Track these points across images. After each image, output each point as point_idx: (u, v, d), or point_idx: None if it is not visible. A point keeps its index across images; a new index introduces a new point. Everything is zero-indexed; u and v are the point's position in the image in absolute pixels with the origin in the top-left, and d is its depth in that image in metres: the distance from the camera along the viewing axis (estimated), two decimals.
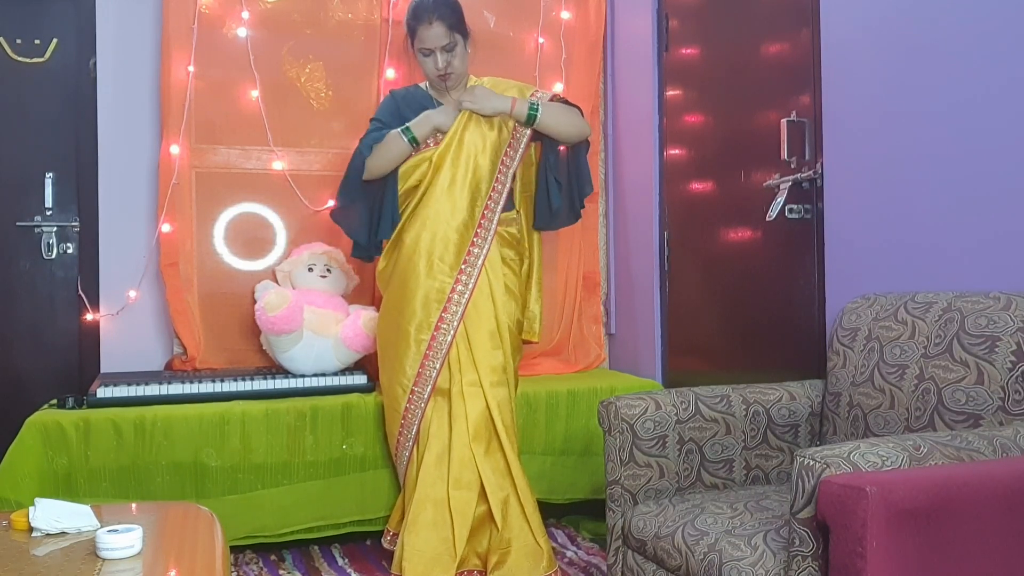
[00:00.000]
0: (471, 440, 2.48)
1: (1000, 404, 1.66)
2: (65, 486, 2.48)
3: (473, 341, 2.54)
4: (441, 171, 2.57)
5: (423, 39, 2.55)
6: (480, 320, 2.55)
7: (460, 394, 2.51)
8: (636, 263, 3.31)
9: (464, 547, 2.44)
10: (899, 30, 2.10)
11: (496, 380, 2.53)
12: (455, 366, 2.53)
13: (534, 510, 2.51)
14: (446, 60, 2.57)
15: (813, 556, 1.42)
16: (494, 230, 2.60)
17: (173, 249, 3.01)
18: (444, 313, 2.53)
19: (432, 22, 2.52)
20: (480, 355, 2.53)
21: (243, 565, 2.68)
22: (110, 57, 3.09)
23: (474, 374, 2.52)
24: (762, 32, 2.66)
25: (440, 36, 2.54)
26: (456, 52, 2.58)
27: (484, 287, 2.57)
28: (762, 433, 2.13)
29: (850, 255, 2.25)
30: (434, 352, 2.53)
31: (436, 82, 2.64)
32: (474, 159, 2.59)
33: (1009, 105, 1.82)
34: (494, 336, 2.56)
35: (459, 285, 2.55)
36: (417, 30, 2.55)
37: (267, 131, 3.12)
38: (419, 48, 2.58)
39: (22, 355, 3.13)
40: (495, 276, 2.59)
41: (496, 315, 2.56)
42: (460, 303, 2.54)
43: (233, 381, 2.73)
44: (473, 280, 2.55)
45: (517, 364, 2.67)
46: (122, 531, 1.50)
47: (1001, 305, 1.73)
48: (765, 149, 2.56)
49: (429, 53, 2.57)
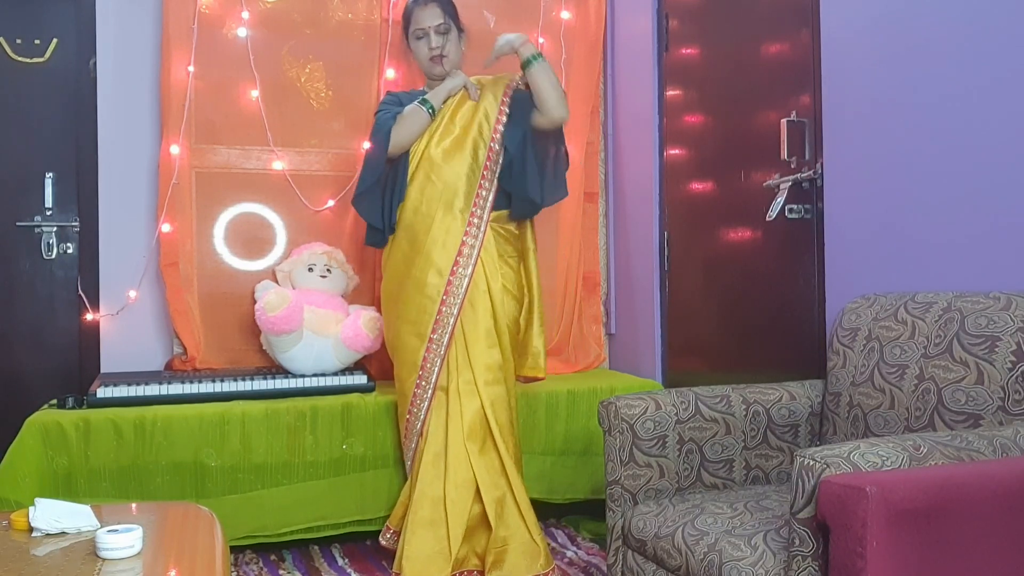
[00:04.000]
0: (466, 439, 2.49)
1: (1000, 404, 1.66)
2: (65, 486, 2.48)
3: (469, 339, 2.54)
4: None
5: (418, 20, 2.66)
6: (477, 318, 2.55)
7: (457, 392, 2.52)
8: (636, 263, 3.31)
9: (461, 546, 2.44)
10: (898, 30, 2.10)
11: (491, 379, 2.53)
12: (452, 364, 2.54)
13: (529, 508, 2.51)
14: (438, 41, 2.65)
15: (813, 556, 1.42)
16: (486, 222, 2.58)
17: (173, 249, 3.01)
18: (441, 306, 2.54)
19: (429, 3, 2.66)
20: (476, 353, 2.53)
21: (243, 565, 2.68)
22: (110, 57, 3.09)
23: (469, 373, 2.53)
24: (762, 32, 2.66)
25: (435, 15, 2.66)
26: (450, 37, 2.67)
27: (481, 283, 2.57)
28: (762, 433, 2.13)
29: (850, 255, 2.25)
30: (432, 353, 2.54)
31: (428, 67, 2.69)
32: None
33: (1009, 105, 1.82)
34: (490, 334, 2.56)
35: (454, 278, 2.55)
36: (413, 13, 2.68)
37: (267, 131, 3.12)
38: (414, 31, 2.67)
39: (22, 355, 3.13)
40: (492, 274, 2.59)
41: (494, 313, 2.56)
42: (455, 302, 2.54)
43: (233, 381, 2.73)
44: (467, 277, 2.55)
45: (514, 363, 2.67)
46: (122, 531, 1.50)
47: (1001, 305, 1.73)
48: (765, 149, 2.56)
49: (423, 35, 2.65)
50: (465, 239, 2.56)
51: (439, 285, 2.54)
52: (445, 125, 2.64)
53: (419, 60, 2.72)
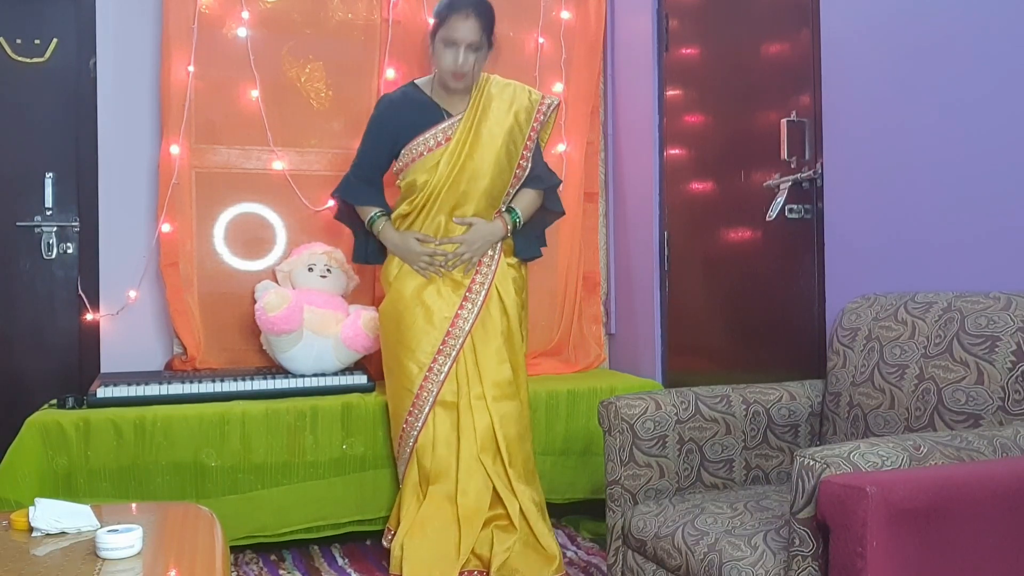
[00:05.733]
0: (479, 452, 2.50)
1: (1000, 404, 1.66)
2: (65, 486, 2.48)
3: (480, 356, 2.55)
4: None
5: (454, 28, 2.47)
6: (487, 337, 2.57)
7: (468, 407, 2.53)
8: (636, 263, 3.31)
9: (468, 552, 2.44)
10: (899, 30, 2.10)
11: (499, 395, 2.55)
12: (463, 379, 2.54)
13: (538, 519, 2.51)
14: (468, 59, 2.50)
15: (813, 556, 1.42)
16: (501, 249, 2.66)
17: (173, 249, 3.00)
18: (451, 328, 2.56)
19: (470, 16, 2.47)
20: (486, 369, 2.55)
21: (243, 565, 2.68)
22: (110, 57, 3.08)
23: (480, 387, 2.54)
24: (762, 32, 2.66)
25: (473, 31, 2.48)
26: (479, 56, 2.54)
27: (494, 301, 2.59)
28: (762, 433, 2.13)
29: (850, 255, 2.25)
30: (434, 373, 2.55)
31: (447, 78, 2.56)
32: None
33: (1009, 105, 1.82)
34: (501, 352, 2.57)
35: (467, 302, 2.58)
36: (450, 19, 2.48)
37: (267, 131, 3.12)
38: (444, 38, 2.50)
39: (22, 355, 3.13)
40: (505, 290, 2.61)
41: (508, 329, 2.59)
42: (468, 319, 2.57)
43: (233, 381, 2.73)
44: (482, 297, 2.58)
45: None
46: (122, 531, 1.50)
47: (1001, 305, 1.73)
48: (765, 149, 2.56)
49: (452, 45, 2.50)
50: (480, 268, 2.61)
51: (449, 315, 2.57)
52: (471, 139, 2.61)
53: (439, 64, 2.56)
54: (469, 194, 2.58)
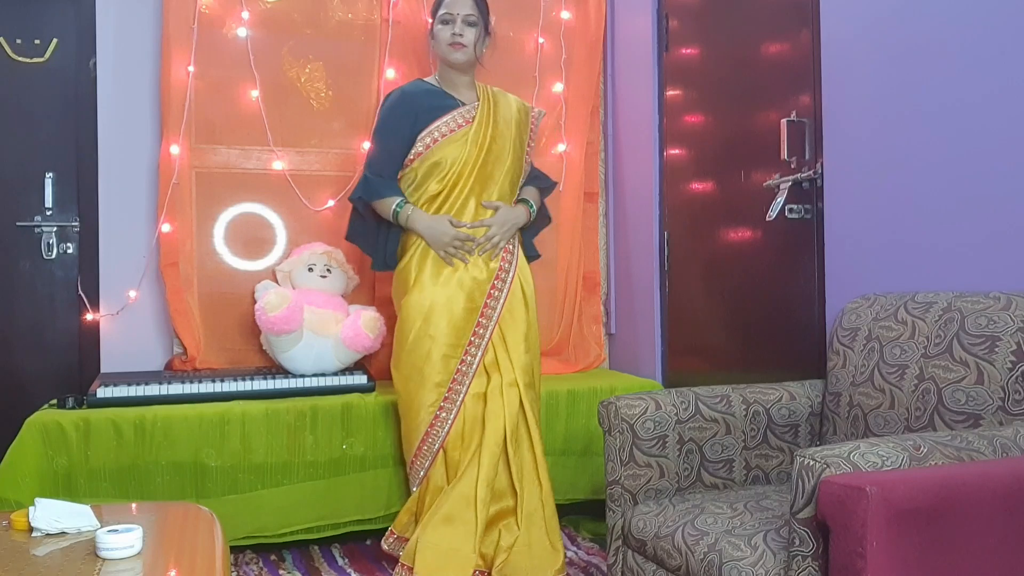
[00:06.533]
0: (507, 439, 2.48)
1: (1000, 404, 1.66)
2: (65, 486, 2.48)
3: (510, 343, 2.56)
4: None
5: (449, 5, 2.62)
6: (515, 323, 2.58)
7: (499, 391, 2.52)
8: (636, 263, 3.31)
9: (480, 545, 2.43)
10: (899, 30, 2.10)
11: (528, 381, 2.56)
12: (492, 368, 2.55)
13: (553, 514, 2.52)
14: (464, 30, 2.60)
15: (813, 556, 1.42)
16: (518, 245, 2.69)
17: (173, 249, 3.00)
18: (480, 318, 2.56)
19: None
20: (515, 356, 2.55)
21: (243, 565, 2.68)
22: (110, 57, 3.09)
23: (512, 374, 2.54)
24: (762, 32, 2.66)
25: (466, 5, 2.61)
26: (475, 31, 2.63)
27: (517, 291, 2.61)
28: (762, 433, 2.13)
29: (850, 255, 2.25)
30: (466, 365, 2.55)
31: (446, 52, 2.62)
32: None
33: (1009, 105, 1.82)
34: (527, 339, 2.59)
35: (495, 290, 2.59)
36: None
37: (267, 131, 3.12)
38: (442, 15, 2.63)
39: (22, 355, 3.13)
40: (526, 280, 2.65)
41: (528, 320, 2.61)
42: (495, 307, 2.58)
43: (233, 381, 2.73)
44: (507, 286, 2.60)
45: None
46: (122, 531, 1.50)
47: (1001, 305, 1.73)
48: (765, 149, 2.56)
49: (450, 20, 2.61)
50: (499, 273, 2.61)
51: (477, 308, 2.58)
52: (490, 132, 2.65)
53: (438, 45, 2.64)
54: (494, 176, 2.63)
